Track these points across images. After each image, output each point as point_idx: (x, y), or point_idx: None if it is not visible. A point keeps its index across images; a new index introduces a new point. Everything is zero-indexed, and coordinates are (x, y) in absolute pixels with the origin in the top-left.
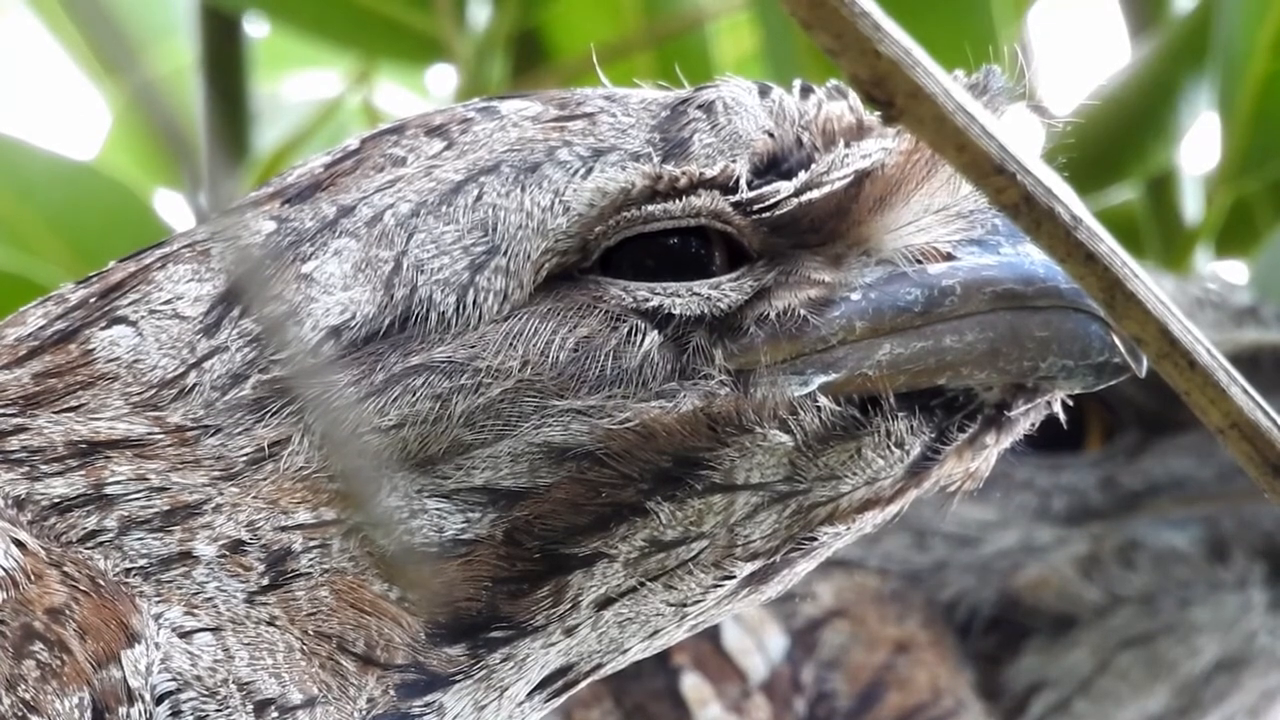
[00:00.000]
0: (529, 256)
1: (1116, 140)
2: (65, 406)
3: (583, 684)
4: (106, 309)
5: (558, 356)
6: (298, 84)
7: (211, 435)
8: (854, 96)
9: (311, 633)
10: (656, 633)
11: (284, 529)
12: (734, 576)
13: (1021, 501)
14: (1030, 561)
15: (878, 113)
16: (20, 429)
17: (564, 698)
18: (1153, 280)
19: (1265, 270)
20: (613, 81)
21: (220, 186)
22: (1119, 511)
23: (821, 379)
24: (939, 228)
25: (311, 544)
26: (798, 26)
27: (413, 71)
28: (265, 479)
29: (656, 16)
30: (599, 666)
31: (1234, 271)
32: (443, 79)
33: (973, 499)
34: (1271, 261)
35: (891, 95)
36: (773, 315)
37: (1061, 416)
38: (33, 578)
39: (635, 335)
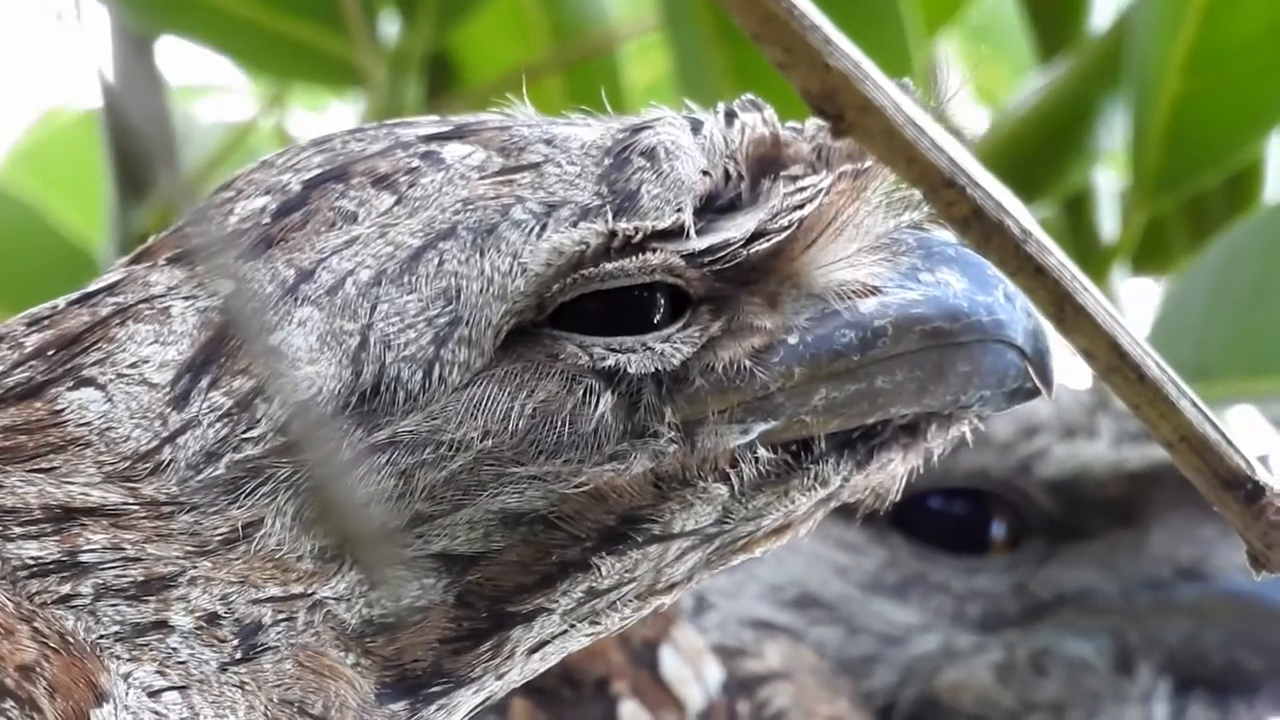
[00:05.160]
0: (490, 322)
1: (1033, 159)
2: (37, 467)
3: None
4: (70, 366)
5: (517, 424)
6: (210, 105)
7: (186, 512)
8: (769, 110)
9: (276, 700)
10: (570, 653)
11: (255, 602)
12: (651, 606)
13: (940, 605)
14: (951, 665)
15: (826, 124)
16: None
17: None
18: (1102, 295)
19: (1177, 299)
20: (524, 104)
21: (174, 202)
22: (1030, 619)
23: (761, 427)
24: (864, 258)
25: (280, 617)
26: (712, 48)
27: (325, 94)
28: (238, 558)
29: (566, 39)
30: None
31: (1148, 289)
32: (354, 103)
33: (899, 600)
34: (1183, 292)
35: (841, 109)
36: (719, 368)
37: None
38: (3, 633)
39: (590, 397)
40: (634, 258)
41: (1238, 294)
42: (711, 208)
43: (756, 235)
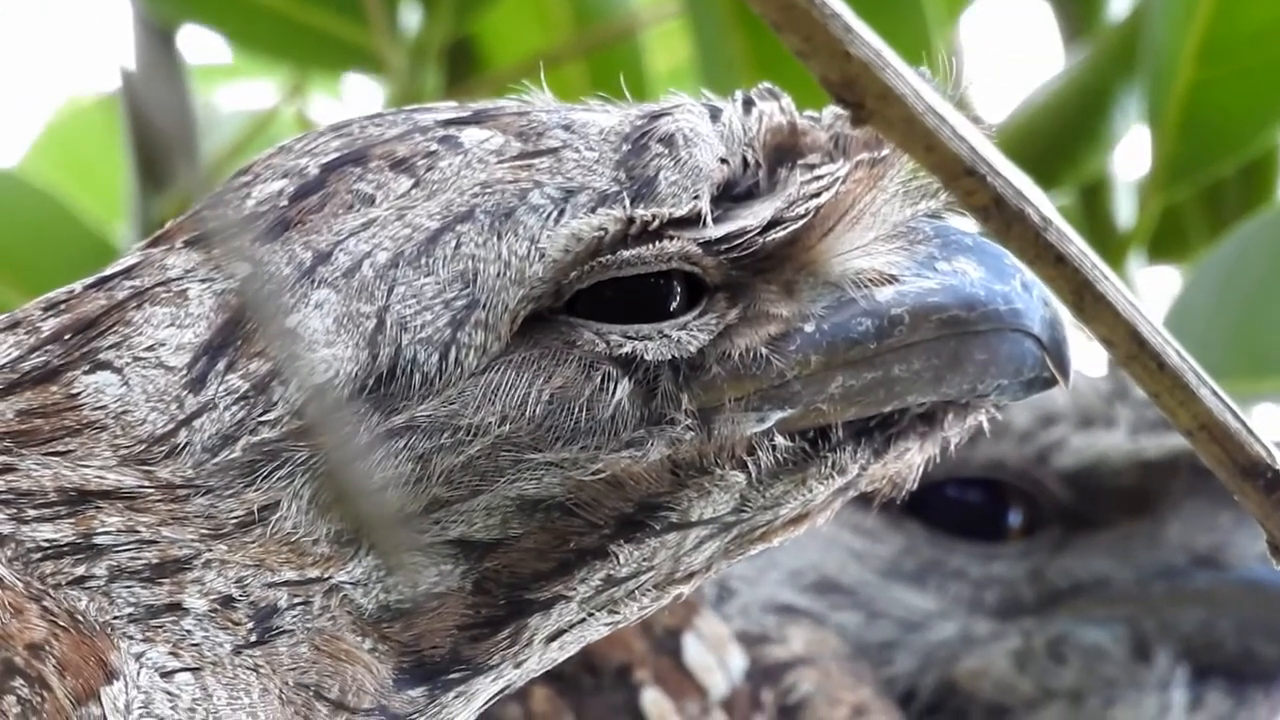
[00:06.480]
0: (507, 307)
1: (1050, 147)
2: (53, 451)
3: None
4: (87, 350)
5: (534, 410)
6: (231, 94)
7: (201, 495)
8: (787, 99)
9: (291, 684)
10: (587, 642)
11: (271, 585)
12: (669, 596)
13: (957, 592)
14: (969, 652)
15: (847, 113)
16: (8, 468)
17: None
18: (1122, 283)
19: (1184, 299)
20: (545, 91)
21: (192, 196)
22: (1046, 606)
23: (778, 415)
24: (880, 247)
25: (295, 601)
26: (732, 35)
27: (346, 82)
28: (253, 542)
29: (588, 26)
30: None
31: (1165, 277)
32: (374, 91)
33: (917, 586)
34: (1191, 291)
35: (861, 97)
36: (735, 355)
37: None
38: (12, 612)
39: (608, 384)
40: (651, 245)
41: (1244, 294)
42: (729, 196)
43: (773, 223)
